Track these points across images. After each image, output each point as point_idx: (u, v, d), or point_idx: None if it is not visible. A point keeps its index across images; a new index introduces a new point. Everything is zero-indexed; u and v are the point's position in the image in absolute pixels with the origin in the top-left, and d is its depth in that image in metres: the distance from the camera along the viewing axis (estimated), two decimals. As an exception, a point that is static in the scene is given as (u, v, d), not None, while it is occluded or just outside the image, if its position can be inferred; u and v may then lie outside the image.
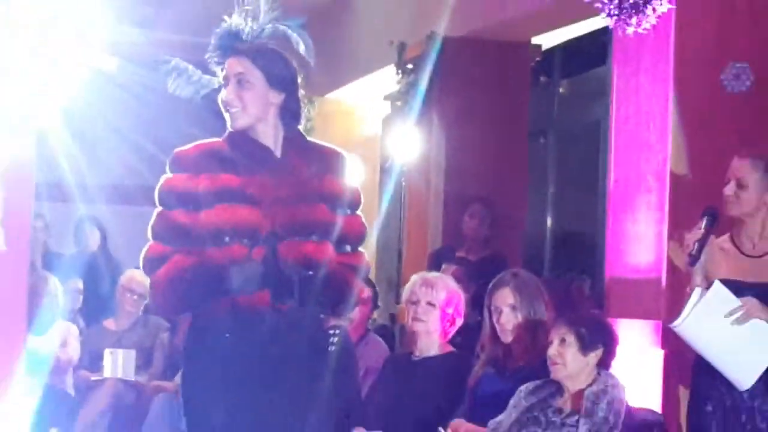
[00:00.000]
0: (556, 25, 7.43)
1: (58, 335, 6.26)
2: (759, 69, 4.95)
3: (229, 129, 2.88)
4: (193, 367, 2.84)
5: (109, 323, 6.98)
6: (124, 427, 6.49)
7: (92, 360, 6.60)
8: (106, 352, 6.47)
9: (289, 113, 2.85)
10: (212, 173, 2.77)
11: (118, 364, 6.46)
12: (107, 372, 6.44)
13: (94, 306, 7.21)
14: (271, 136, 2.85)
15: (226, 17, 2.87)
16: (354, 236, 2.91)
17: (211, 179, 2.77)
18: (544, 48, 8.29)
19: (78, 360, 6.51)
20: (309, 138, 3.45)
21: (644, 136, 5.42)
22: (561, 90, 9.66)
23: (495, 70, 7.78)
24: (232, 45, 2.85)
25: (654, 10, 4.59)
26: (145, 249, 2.80)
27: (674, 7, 4.70)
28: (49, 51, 4.01)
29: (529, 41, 8.00)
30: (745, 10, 5.14)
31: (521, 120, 8.09)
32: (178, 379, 5.27)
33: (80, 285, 7.00)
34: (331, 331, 3.53)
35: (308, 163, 2.86)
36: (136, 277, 6.58)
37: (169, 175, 2.82)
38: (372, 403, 4.95)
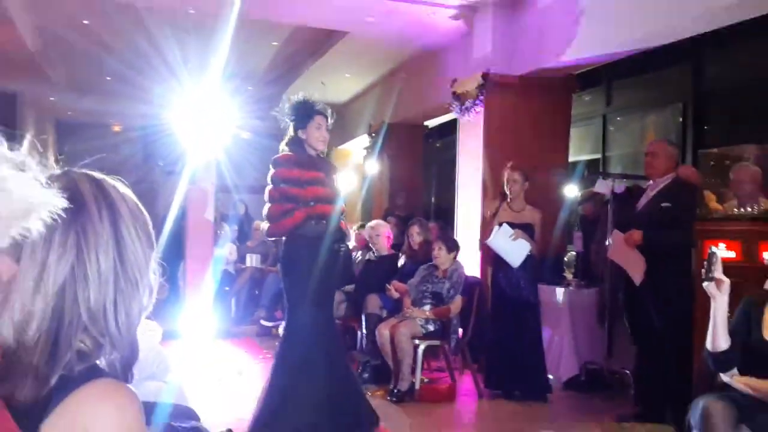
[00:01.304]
0: (435, 115, 9.39)
1: (227, 249, 8.51)
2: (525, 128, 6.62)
3: (310, 149, 4.01)
4: (288, 260, 4.02)
5: (250, 243, 9.44)
6: (254, 287, 8.76)
7: (241, 258, 9.06)
8: (250, 256, 9.03)
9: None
10: (300, 170, 3.90)
11: (253, 260, 8.97)
12: (248, 263, 8.98)
13: (242, 237, 9.65)
14: (317, 152, 4.06)
15: (308, 95, 4.10)
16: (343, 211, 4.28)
17: (301, 173, 3.90)
18: (430, 126, 10.54)
19: (236, 258, 8.95)
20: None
21: (472, 163, 7.04)
22: (437, 144, 11.34)
23: (410, 136, 10.22)
24: (318, 109, 4.00)
25: (475, 111, 6.88)
26: (270, 207, 3.92)
27: (483, 108, 6.75)
28: (216, 129, 7.00)
29: (422, 123, 10.24)
30: (521, 109, 6.77)
31: (418, 158, 10.41)
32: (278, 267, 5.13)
33: (236, 227, 9.40)
34: (344, 247, 4.18)
35: (332, 166, 4.28)
36: (261, 225, 8.33)
37: (274, 169, 3.91)
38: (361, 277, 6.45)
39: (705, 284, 2.70)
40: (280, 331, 6.98)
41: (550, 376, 5.47)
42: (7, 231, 0.65)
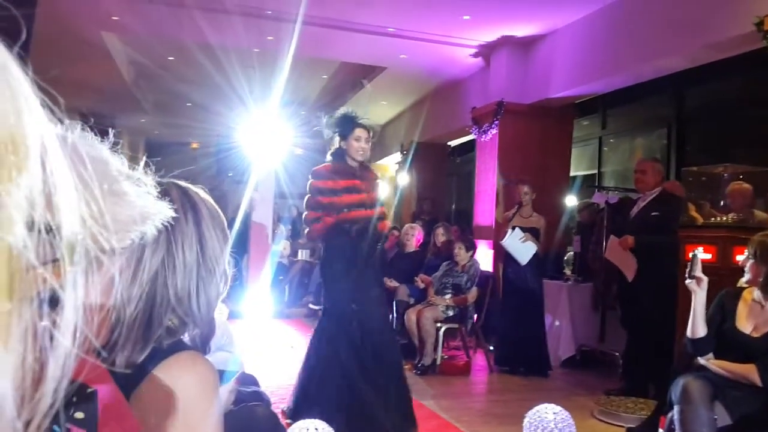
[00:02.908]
0: (457, 136, 9.54)
1: (282, 245, 8.73)
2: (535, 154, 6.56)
3: (351, 160, 3.59)
4: (328, 259, 3.67)
5: (301, 240, 9.16)
6: (304, 276, 8.90)
7: (293, 253, 9.24)
8: (301, 251, 9.07)
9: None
10: (336, 179, 3.52)
11: (303, 254, 9.12)
12: (299, 257, 9.12)
13: (294, 234, 9.56)
14: (358, 163, 3.63)
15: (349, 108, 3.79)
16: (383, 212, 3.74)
17: (335, 182, 3.51)
18: (452, 145, 10.59)
19: (288, 253, 9.18)
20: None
21: (488, 177, 7.09)
22: (458, 160, 11.10)
23: (435, 153, 10.18)
24: (358, 121, 3.62)
25: (491, 133, 6.99)
26: (305, 214, 3.62)
27: (497, 131, 6.81)
28: (275, 146, 7.16)
29: (446, 143, 10.31)
30: (530, 132, 6.72)
31: (442, 172, 10.44)
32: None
33: (289, 227, 9.47)
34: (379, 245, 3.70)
35: (372, 174, 3.76)
36: None
37: (312, 180, 3.59)
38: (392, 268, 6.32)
39: (687, 281, 2.68)
40: (325, 313, 7.12)
41: (552, 356, 5.42)
42: (128, 234, 0.68)
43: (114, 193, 0.67)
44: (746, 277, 2.61)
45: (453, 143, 10.38)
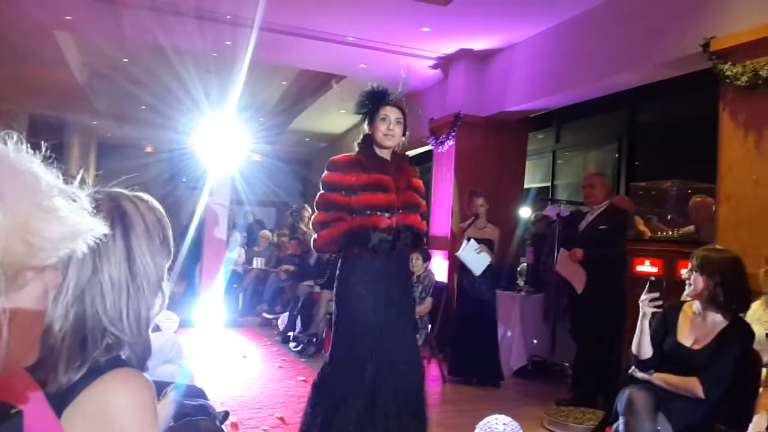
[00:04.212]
0: (415, 147, 8.67)
1: (236, 252, 8.64)
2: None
3: (380, 147, 2.85)
4: (339, 281, 2.81)
5: (256, 248, 9.44)
6: (258, 285, 8.69)
7: (248, 261, 9.09)
8: (256, 259, 8.98)
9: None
10: (357, 173, 2.76)
11: (258, 262, 8.91)
12: (254, 265, 8.96)
13: (250, 242, 9.63)
14: (388, 153, 2.87)
15: (373, 83, 2.94)
16: (423, 212, 2.96)
17: (358, 176, 2.76)
18: (410, 155, 9.46)
19: (243, 260, 9.02)
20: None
21: (444, 187, 7.07)
22: (416, 170, 11.84)
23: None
24: (385, 98, 2.89)
25: (448, 144, 6.92)
26: (315, 216, 2.81)
27: (454, 142, 6.79)
28: (232, 152, 7.15)
29: (405, 153, 10.86)
30: (486, 144, 6.76)
31: None
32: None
33: (245, 234, 9.43)
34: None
35: (407, 169, 2.95)
36: (267, 234, 9.52)
37: (328, 172, 2.84)
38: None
39: (643, 299, 2.63)
40: (280, 323, 7.07)
41: (504, 366, 5.47)
42: (56, 252, 0.67)
43: (44, 209, 0.65)
44: (689, 290, 2.66)
45: (411, 153, 10.34)
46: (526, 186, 7.54)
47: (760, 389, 2.48)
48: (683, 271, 2.69)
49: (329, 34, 6.71)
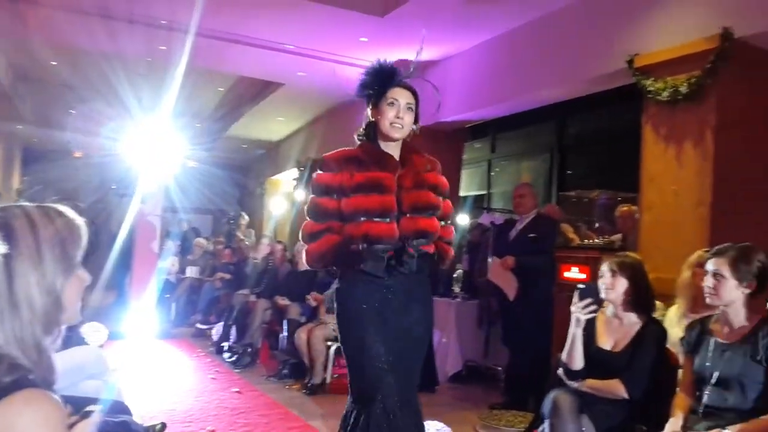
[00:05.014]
0: None
1: (170, 261, 8.52)
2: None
3: (384, 139, 2.35)
4: (338, 304, 2.34)
5: (190, 256, 9.26)
6: (192, 294, 8.47)
7: (182, 270, 8.90)
8: (190, 268, 8.81)
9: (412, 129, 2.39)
10: (352, 171, 2.27)
11: (192, 271, 8.76)
12: (188, 274, 8.77)
13: (184, 250, 9.46)
14: (396, 146, 2.37)
15: (380, 60, 2.38)
16: (447, 214, 2.50)
17: (351, 175, 2.26)
18: None
19: (177, 269, 8.85)
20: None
21: None
22: None
23: None
24: (398, 77, 2.38)
25: None
26: (303, 225, 2.34)
27: None
28: (166, 158, 6.99)
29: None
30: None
31: None
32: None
33: (178, 243, 9.22)
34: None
35: (416, 163, 2.40)
36: (201, 242, 9.37)
37: (319, 172, 2.36)
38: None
39: (577, 307, 2.65)
40: (214, 333, 6.92)
41: (440, 371, 5.51)
42: None
43: None
44: (611, 294, 2.75)
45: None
46: (462, 194, 7.69)
47: (677, 389, 2.57)
48: (601, 280, 2.76)
49: (267, 41, 6.69)
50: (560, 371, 2.76)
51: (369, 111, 2.41)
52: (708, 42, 3.94)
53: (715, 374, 2.34)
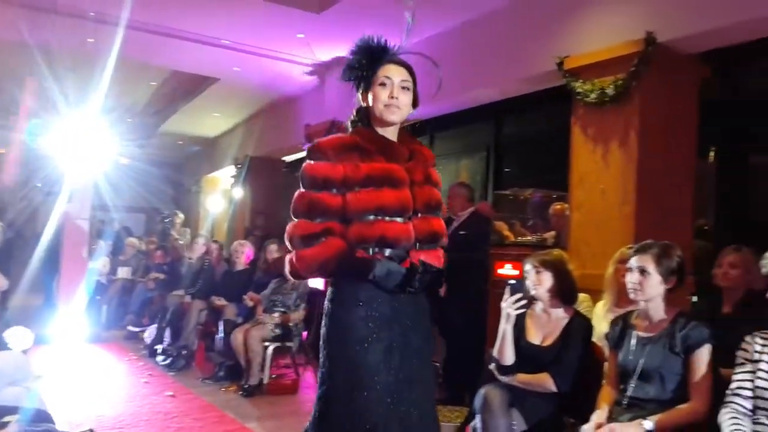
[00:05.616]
0: (291, 152, 9.44)
1: (101, 261, 8.20)
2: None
3: (380, 124, 2.01)
4: (340, 322, 1.92)
5: (122, 257, 9.02)
6: (124, 296, 8.18)
7: (113, 270, 8.63)
8: (121, 268, 8.54)
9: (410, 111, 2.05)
10: (354, 162, 1.92)
11: (123, 272, 8.50)
12: (119, 275, 8.50)
13: (116, 250, 9.16)
14: (394, 133, 2.04)
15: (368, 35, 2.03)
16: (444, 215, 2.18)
17: (356, 166, 1.92)
18: (289, 160, 10.15)
19: (108, 270, 8.53)
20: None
21: None
22: (297, 174, 11.60)
23: (269, 168, 10.07)
24: (390, 54, 2.04)
25: None
26: (292, 226, 1.94)
27: None
28: (95, 155, 6.73)
29: (281, 158, 10.11)
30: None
31: (277, 187, 9.99)
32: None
33: (110, 242, 8.88)
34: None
35: (422, 155, 2.10)
36: (133, 242, 9.16)
37: (312, 162, 1.96)
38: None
39: (507, 303, 2.71)
40: (147, 336, 6.74)
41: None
42: None
43: None
44: (538, 289, 2.85)
45: (292, 157, 10.24)
46: (401, 192, 7.72)
47: (603, 382, 2.67)
48: (528, 279, 2.86)
49: (201, 35, 6.58)
50: (492, 366, 2.84)
51: (359, 94, 2.08)
52: (632, 45, 4.10)
53: (639, 367, 2.44)
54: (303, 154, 6.63)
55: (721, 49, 4.09)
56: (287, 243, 1.96)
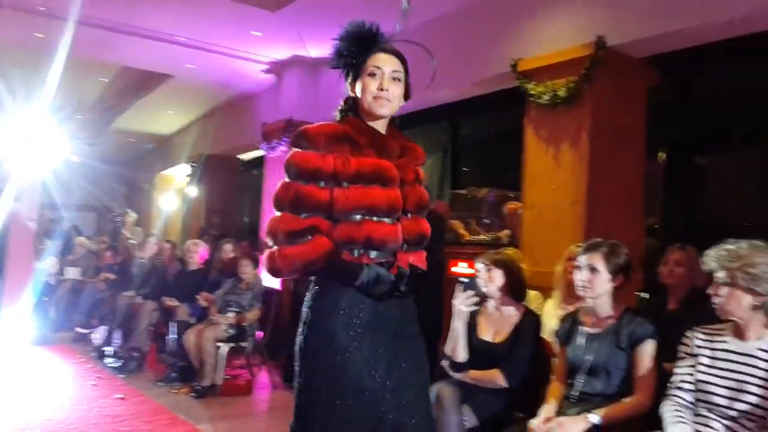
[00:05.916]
0: (247, 150, 9.48)
1: (49, 261, 8.03)
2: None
3: (369, 116, 1.89)
4: (321, 326, 1.81)
5: (71, 257, 8.70)
6: (73, 297, 7.82)
7: (62, 270, 8.30)
8: (69, 269, 8.24)
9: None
10: (344, 154, 1.79)
11: (72, 272, 8.20)
12: (68, 275, 8.19)
13: (65, 250, 8.86)
14: (383, 127, 1.92)
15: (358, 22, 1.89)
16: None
17: (346, 159, 1.79)
18: (246, 158, 10.23)
19: (56, 271, 8.26)
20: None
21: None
22: (254, 173, 10.29)
23: (225, 166, 10.04)
24: (379, 43, 1.91)
25: (280, 150, 7.10)
26: (276, 219, 1.79)
27: (286, 147, 6.64)
28: (43, 153, 6.22)
29: (236, 156, 10.08)
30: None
31: (233, 185, 10.25)
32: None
33: (59, 242, 8.64)
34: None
35: (414, 153, 2.01)
36: (83, 241, 8.88)
37: (299, 150, 1.82)
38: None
39: (459, 300, 2.74)
40: (96, 337, 6.57)
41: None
42: None
43: None
44: (490, 287, 2.89)
45: (249, 156, 10.20)
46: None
47: (552, 377, 2.73)
48: (479, 277, 2.89)
49: (154, 31, 6.47)
50: (445, 363, 2.87)
51: (348, 85, 1.95)
52: (584, 49, 4.21)
53: (587, 363, 2.50)
54: (260, 152, 6.86)
55: (670, 53, 4.22)
56: (269, 238, 1.82)
